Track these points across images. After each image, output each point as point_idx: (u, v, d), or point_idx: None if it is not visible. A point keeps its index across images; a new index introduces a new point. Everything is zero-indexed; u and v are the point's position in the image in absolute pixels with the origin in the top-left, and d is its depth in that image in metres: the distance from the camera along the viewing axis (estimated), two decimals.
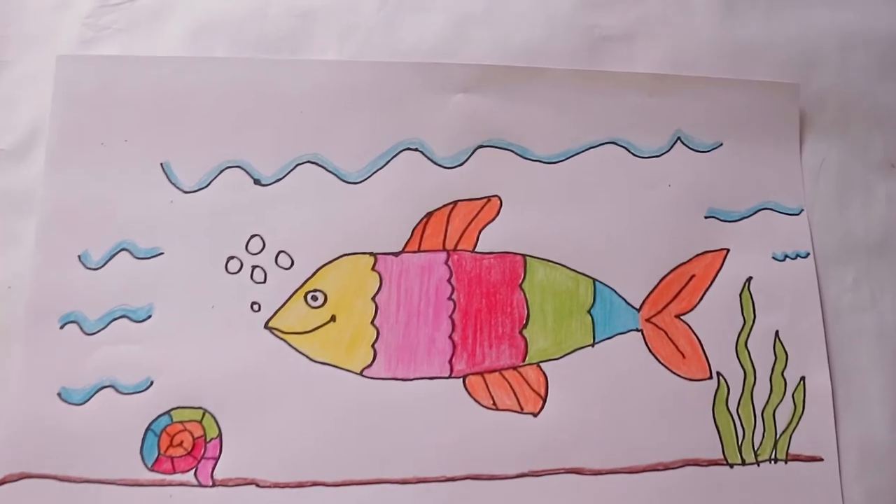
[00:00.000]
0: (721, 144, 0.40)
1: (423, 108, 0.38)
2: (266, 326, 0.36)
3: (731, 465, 0.37)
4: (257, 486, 0.34)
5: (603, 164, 0.39)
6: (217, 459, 0.34)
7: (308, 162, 0.38)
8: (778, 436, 0.37)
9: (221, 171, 0.37)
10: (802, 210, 0.40)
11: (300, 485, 0.34)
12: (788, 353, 0.38)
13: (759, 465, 0.37)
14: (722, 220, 0.40)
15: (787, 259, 0.39)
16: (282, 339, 0.36)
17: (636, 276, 0.38)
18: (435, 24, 0.40)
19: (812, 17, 0.43)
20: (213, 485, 0.34)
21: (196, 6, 0.40)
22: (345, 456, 0.35)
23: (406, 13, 0.41)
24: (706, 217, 0.39)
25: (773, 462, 0.37)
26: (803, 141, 0.41)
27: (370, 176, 0.38)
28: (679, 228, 0.39)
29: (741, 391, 0.38)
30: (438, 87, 0.39)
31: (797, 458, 0.37)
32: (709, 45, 0.42)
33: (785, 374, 0.38)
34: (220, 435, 0.35)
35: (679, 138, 0.40)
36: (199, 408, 0.35)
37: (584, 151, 0.39)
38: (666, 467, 0.36)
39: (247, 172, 0.37)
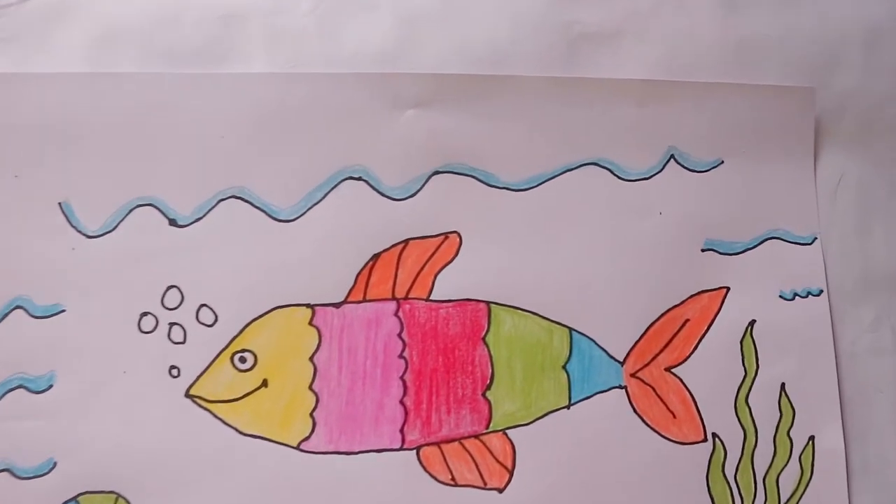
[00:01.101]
0: (721, 162, 0.37)
1: (368, 129, 0.35)
2: (187, 395, 0.33)
3: None
4: None
5: (582, 189, 0.36)
6: None
7: (232, 197, 0.34)
8: None
9: (131, 211, 0.34)
10: (816, 238, 0.37)
11: None
12: (796, 408, 0.36)
13: None
14: (722, 254, 0.37)
15: (797, 298, 0.36)
16: (206, 408, 0.33)
17: (620, 324, 0.35)
18: (381, 25, 0.36)
19: (831, 9, 0.39)
20: None
21: (98, 10, 0.35)
22: None
23: (346, 13, 0.36)
24: (703, 250, 0.36)
25: None
26: (818, 156, 0.38)
27: (306, 212, 0.35)
28: (671, 264, 0.36)
29: (740, 454, 0.35)
30: (386, 103, 0.35)
31: None
32: (709, 45, 0.38)
33: (791, 433, 0.36)
34: None
35: (672, 156, 0.37)
36: (112, 492, 0.32)
37: (559, 175, 0.36)
38: None
39: (160, 211, 0.34)
